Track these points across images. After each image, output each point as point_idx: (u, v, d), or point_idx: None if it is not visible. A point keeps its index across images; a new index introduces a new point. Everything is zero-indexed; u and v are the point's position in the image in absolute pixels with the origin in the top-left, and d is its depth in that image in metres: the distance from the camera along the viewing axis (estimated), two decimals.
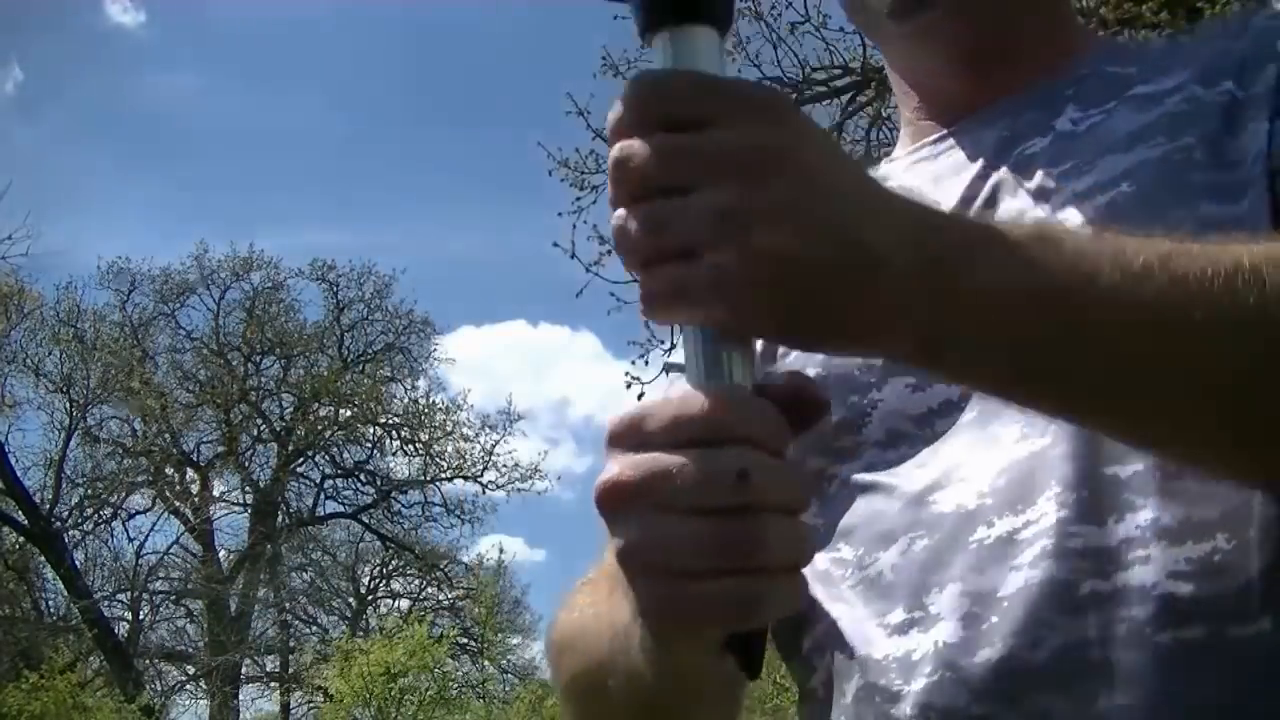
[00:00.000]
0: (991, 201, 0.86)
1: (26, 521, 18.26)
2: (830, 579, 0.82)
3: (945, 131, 0.94)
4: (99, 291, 22.39)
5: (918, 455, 0.80)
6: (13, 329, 19.59)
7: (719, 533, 0.52)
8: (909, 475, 0.80)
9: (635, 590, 0.55)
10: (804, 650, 0.86)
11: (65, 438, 19.75)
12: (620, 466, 0.54)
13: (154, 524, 20.74)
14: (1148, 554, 0.71)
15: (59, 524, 18.86)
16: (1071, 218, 0.80)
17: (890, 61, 1.01)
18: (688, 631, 0.56)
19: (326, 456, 21.82)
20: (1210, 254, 0.62)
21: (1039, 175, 0.85)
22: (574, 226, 7.73)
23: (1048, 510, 0.73)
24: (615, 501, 0.54)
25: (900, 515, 0.79)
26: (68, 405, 19.96)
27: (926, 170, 0.93)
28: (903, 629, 0.77)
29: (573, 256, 7.75)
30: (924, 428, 0.81)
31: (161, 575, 20.82)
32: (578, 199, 7.82)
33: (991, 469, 0.77)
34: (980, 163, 0.89)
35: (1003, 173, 0.87)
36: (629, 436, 0.55)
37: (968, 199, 0.87)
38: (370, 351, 21.81)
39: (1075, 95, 0.89)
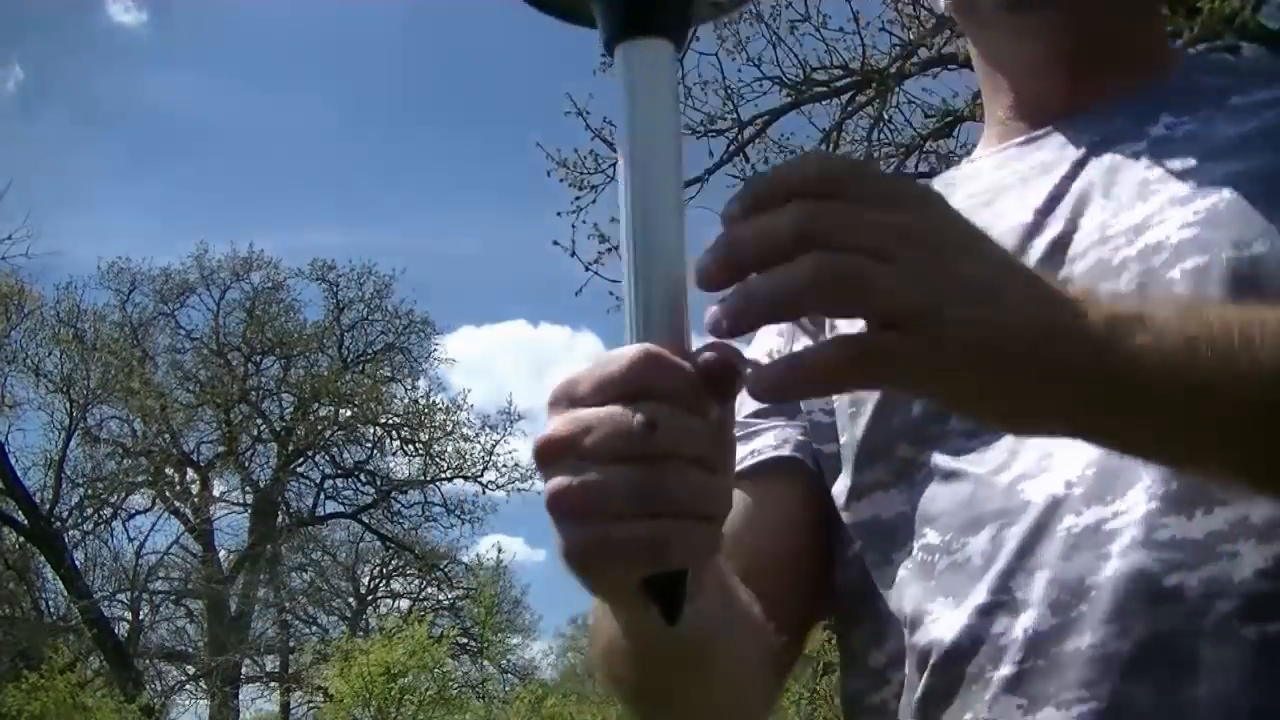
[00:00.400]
0: (1081, 203, 0.87)
1: (26, 521, 18.24)
2: (923, 567, 0.83)
3: (1036, 133, 0.95)
4: (99, 291, 22.38)
5: (1004, 443, 0.82)
6: (13, 329, 19.58)
7: (628, 478, 0.57)
8: (997, 463, 0.81)
9: (559, 534, 0.59)
10: (877, 665, 0.86)
11: (65, 438, 19.76)
12: (553, 423, 0.59)
13: (154, 524, 20.75)
14: (1235, 549, 0.73)
15: (59, 524, 18.84)
16: (1171, 219, 0.81)
17: (986, 56, 1.00)
18: (601, 573, 0.60)
19: (326, 456, 21.82)
20: None
21: (1134, 177, 0.85)
22: (573, 226, 7.74)
23: (1137, 501, 0.75)
24: (546, 454, 0.59)
25: (989, 502, 0.80)
26: (68, 405, 19.96)
27: (1014, 169, 0.94)
28: (989, 613, 0.77)
29: (573, 255, 7.76)
30: None
31: (161, 575, 20.83)
32: (577, 198, 7.83)
33: (1080, 460, 0.78)
34: (1070, 163, 0.89)
35: (1094, 174, 0.88)
36: (564, 397, 0.60)
37: (1055, 196, 0.88)
38: (370, 351, 21.82)
39: (1169, 103, 0.89)
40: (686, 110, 7.68)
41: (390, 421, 21.33)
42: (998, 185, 0.94)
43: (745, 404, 0.99)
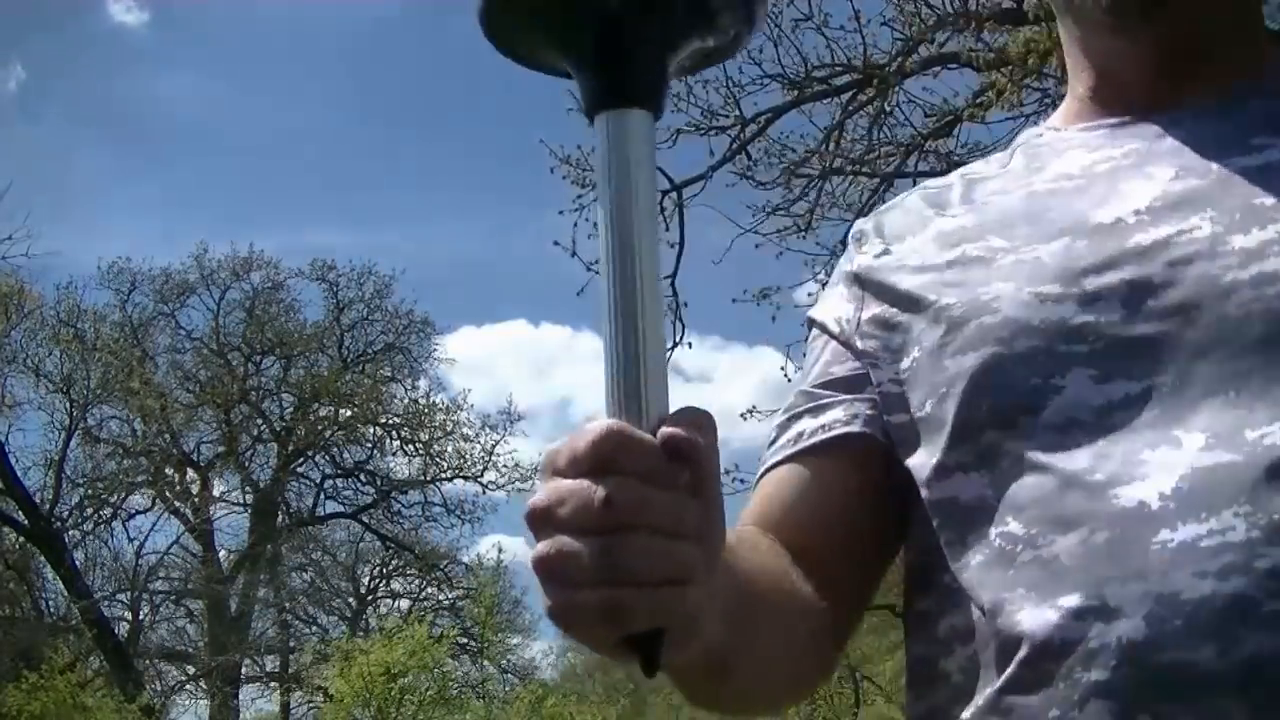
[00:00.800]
0: (1186, 209, 0.85)
1: (26, 521, 18.24)
2: (1003, 556, 0.82)
3: (1124, 120, 0.94)
4: (99, 291, 22.36)
5: (1095, 445, 0.81)
6: (13, 329, 19.57)
7: (592, 549, 0.62)
8: (1088, 464, 0.80)
9: (543, 594, 0.65)
10: (944, 634, 0.87)
11: (65, 438, 19.77)
12: (539, 493, 0.65)
13: (154, 524, 20.79)
14: None
15: (59, 524, 18.85)
16: None
17: (1077, 37, 0.99)
18: (576, 632, 0.65)
19: (326, 456, 21.85)
20: None
21: (1247, 197, 0.84)
22: (575, 225, 7.73)
23: (1236, 526, 0.74)
24: (532, 522, 0.65)
25: (1078, 502, 0.79)
26: (68, 405, 19.96)
27: (1106, 154, 0.93)
28: (1080, 616, 0.77)
29: (574, 255, 7.76)
30: (1102, 418, 0.81)
31: (161, 575, 20.86)
32: (579, 196, 7.82)
33: (1173, 471, 0.77)
34: (1171, 164, 0.88)
35: (1199, 182, 0.86)
36: (548, 468, 0.66)
37: (1157, 195, 0.86)
38: (370, 351, 21.84)
39: (1276, 118, 0.88)
40: (688, 108, 7.69)
41: (390, 421, 21.36)
42: (1089, 170, 0.92)
43: (814, 374, 0.99)
